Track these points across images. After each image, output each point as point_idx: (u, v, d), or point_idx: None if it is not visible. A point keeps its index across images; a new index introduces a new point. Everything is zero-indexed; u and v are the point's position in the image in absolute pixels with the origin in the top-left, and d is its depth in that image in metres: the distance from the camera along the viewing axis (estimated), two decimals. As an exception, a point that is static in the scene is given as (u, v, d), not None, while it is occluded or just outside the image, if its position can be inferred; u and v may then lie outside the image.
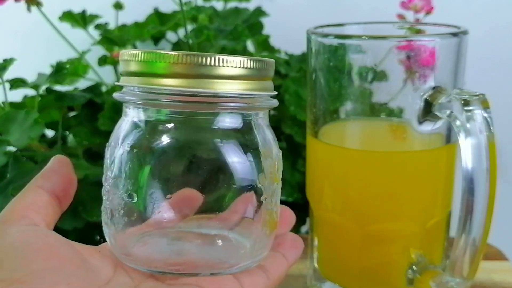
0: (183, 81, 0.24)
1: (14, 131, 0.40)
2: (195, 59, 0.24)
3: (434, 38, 0.34)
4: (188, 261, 0.27)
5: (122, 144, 0.26)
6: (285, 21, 0.58)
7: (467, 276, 0.32)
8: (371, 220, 0.36)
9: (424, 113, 0.34)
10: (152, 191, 0.26)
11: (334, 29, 0.37)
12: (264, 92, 0.26)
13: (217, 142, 0.26)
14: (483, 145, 0.30)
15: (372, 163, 0.35)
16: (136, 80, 0.25)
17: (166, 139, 0.25)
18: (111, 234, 0.27)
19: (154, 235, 0.27)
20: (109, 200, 0.27)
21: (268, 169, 0.27)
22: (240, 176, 0.26)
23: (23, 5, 0.46)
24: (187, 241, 0.27)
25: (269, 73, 0.27)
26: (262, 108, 0.27)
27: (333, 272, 0.39)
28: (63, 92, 0.50)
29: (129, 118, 0.27)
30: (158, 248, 0.27)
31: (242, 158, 0.26)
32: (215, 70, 0.24)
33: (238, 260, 0.27)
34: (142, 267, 0.27)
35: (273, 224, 0.28)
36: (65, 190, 0.29)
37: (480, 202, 0.31)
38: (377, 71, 0.34)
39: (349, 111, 0.36)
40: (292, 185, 0.49)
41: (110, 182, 0.27)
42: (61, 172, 0.29)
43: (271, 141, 0.28)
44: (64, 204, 0.29)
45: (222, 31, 0.51)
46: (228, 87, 0.25)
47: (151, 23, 0.57)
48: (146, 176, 0.26)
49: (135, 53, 0.25)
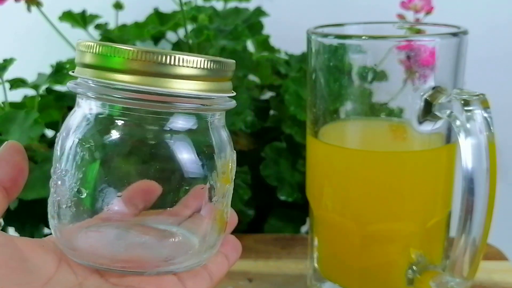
0: (139, 78, 0.23)
1: (14, 131, 0.40)
2: (152, 56, 0.23)
3: (434, 38, 0.34)
4: (134, 258, 0.26)
5: (72, 135, 0.25)
6: (285, 21, 0.58)
7: (467, 276, 0.32)
8: (371, 220, 0.36)
9: (424, 113, 0.34)
10: (101, 187, 0.25)
11: (334, 29, 0.37)
12: (222, 93, 0.26)
13: (168, 140, 0.25)
14: (483, 145, 0.30)
15: (372, 163, 0.35)
16: (91, 72, 0.24)
17: (116, 135, 0.25)
18: (57, 227, 0.26)
19: (101, 228, 0.26)
20: (56, 192, 0.26)
21: (220, 169, 0.27)
22: (191, 173, 0.25)
23: (23, 5, 0.46)
24: (135, 236, 0.27)
25: (228, 74, 0.26)
26: (219, 109, 0.27)
27: (333, 272, 0.39)
28: (63, 92, 0.50)
29: (81, 110, 0.26)
30: (104, 244, 0.27)
31: (194, 156, 0.25)
32: (172, 69, 0.23)
33: (185, 258, 0.27)
34: (87, 262, 0.26)
35: (223, 224, 0.28)
36: (13, 180, 0.27)
37: (480, 202, 0.31)
38: (377, 71, 0.34)
39: (349, 111, 0.36)
40: (292, 185, 0.49)
41: (58, 174, 0.26)
42: (11, 160, 0.28)
43: (226, 142, 0.28)
44: (12, 195, 0.28)
45: (222, 31, 0.51)
46: (184, 87, 0.24)
47: (151, 23, 0.57)
48: (95, 171, 0.25)
49: (91, 44, 0.24)
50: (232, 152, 0.28)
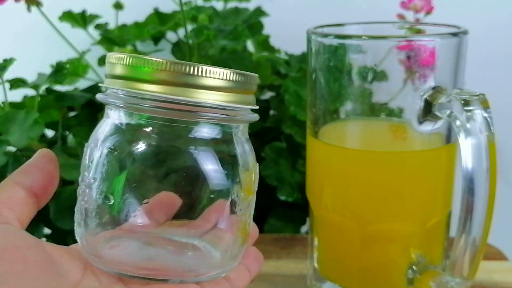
0: (167, 88, 0.24)
1: (14, 131, 0.40)
2: (180, 67, 0.24)
3: (434, 38, 0.34)
4: (158, 266, 0.27)
5: (101, 145, 0.26)
6: (285, 21, 0.58)
7: (467, 276, 0.32)
8: (371, 220, 0.36)
9: (424, 113, 0.34)
10: (128, 195, 0.26)
11: (334, 29, 0.37)
12: (246, 105, 0.26)
13: (193, 150, 0.26)
14: (483, 145, 0.30)
15: (372, 163, 0.35)
16: (120, 83, 0.25)
17: (144, 144, 0.25)
18: (83, 235, 0.27)
19: (126, 238, 0.27)
20: (84, 200, 0.27)
21: (244, 181, 0.27)
22: (215, 184, 0.26)
23: (23, 5, 0.46)
24: (159, 247, 0.27)
25: (252, 87, 0.27)
26: (243, 121, 0.27)
27: (333, 272, 0.39)
28: (63, 92, 0.50)
29: (110, 120, 0.26)
30: (129, 252, 0.27)
31: (218, 167, 0.26)
32: (199, 80, 0.24)
33: (208, 269, 0.27)
34: (111, 270, 0.26)
35: (245, 236, 0.28)
36: (44, 187, 0.28)
37: (480, 202, 0.31)
38: (377, 71, 0.34)
39: (349, 111, 0.36)
40: (292, 185, 0.49)
41: (86, 182, 0.26)
42: (44, 168, 0.28)
43: (249, 154, 0.28)
44: (42, 202, 0.28)
45: (222, 31, 0.51)
46: (210, 98, 0.25)
47: (151, 23, 0.57)
48: (123, 179, 0.26)
49: (121, 56, 0.25)
50: (255, 163, 0.28)
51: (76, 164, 0.43)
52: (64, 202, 0.43)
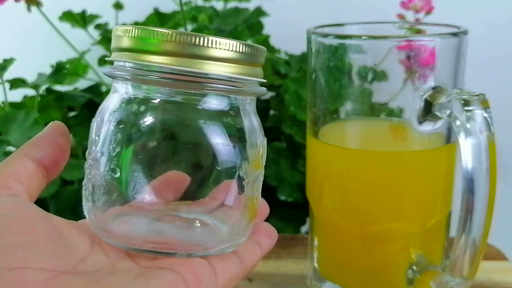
0: (174, 59, 0.24)
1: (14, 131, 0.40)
2: (187, 38, 0.24)
3: (434, 38, 0.34)
4: (166, 240, 0.26)
5: (109, 119, 0.26)
6: (285, 21, 0.58)
7: (467, 276, 0.32)
8: (371, 220, 0.36)
9: (424, 113, 0.34)
10: (135, 168, 0.25)
11: (334, 29, 0.37)
12: (254, 77, 0.26)
13: (202, 123, 0.25)
14: (483, 145, 0.30)
15: (372, 163, 0.35)
16: (127, 55, 0.25)
17: (152, 117, 0.25)
18: (91, 210, 0.27)
19: (134, 215, 0.27)
20: (91, 174, 0.26)
21: (252, 157, 0.27)
22: (224, 159, 0.26)
23: (23, 5, 0.46)
24: (166, 222, 0.27)
25: (260, 59, 0.27)
26: (250, 93, 0.27)
27: (333, 272, 0.39)
28: (63, 92, 0.50)
29: (117, 94, 0.26)
30: (137, 227, 0.27)
31: (227, 140, 0.26)
32: (206, 51, 0.24)
33: (215, 243, 0.27)
34: (119, 244, 0.26)
35: (253, 211, 0.28)
36: (54, 160, 0.28)
37: (480, 202, 0.31)
38: (377, 71, 0.34)
39: (349, 111, 0.36)
40: (292, 185, 0.49)
41: (93, 156, 0.26)
42: (54, 141, 0.28)
43: (257, 128, 0.28)
44: (52, 175, 0.28)
45: (222, 31, 0.51)
46: (217, 69, 0.24)
47: (151, 23, 0.57)
48: (130, 152, 0.25)
49: (128, 29, 0.25)
50: (263, 138, 0.28)
51: (76, 164, 0.43)
52: (64, 202, 0.43)
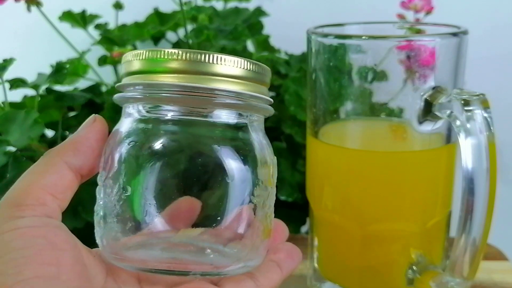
0: (183, 76, 0.25)
1: (14, 131, 0.40)
2: (194, 56, 0.25)
3: (434, 38, 0.34)
4: (179, 261, 0.26)
5: (120, 143, 0.26)
6: (285, 21, 0.58)
7: (467, 276, 0.32)
8: (371, 220, 0.36)
9: (424, 113, 0.34)
10: (148, 192, 0.25)
11: (334, 29, 0.37)
12: (260, 94, 0.27)
13: (216, 149, 0.26)
14: (483, 145, 0.30)
15: (372, 163, 0.35)
16: (138, 78, 0.26)
17: (164, 138, 0.26)
18: (103, 236, 0.27)
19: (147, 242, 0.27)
20: (103, 199, 0.26)
21: (263, 177, 0.27)
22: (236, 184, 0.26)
23: (23, 5, 0.46)
24: (180, 248, 0.27)
25: (266, 79, 0.27)
26: (258, 109, 0.27)
27: (333, 272, 0.39)
28: (63, 92, 0.50)
29: (128, 118, 0.27)
30: (150, 251, 0.27)
31: (240, 164, 0.26)
32: (213, 68, 0.25)
33: (228, 262, 0.27)
34: (132, 266, 0.26)
35: (267, 230, 0.28)
36: (92, 170, 0.27)
37: (480, 202, 0.31)
38: (377, 71, 0.34)
39: (349, 111, 0.36)
40: (292, 185, 0.49)
41: (105, 181, 0.26)
42: (97, 148, 0.27)
43: (266, 147, 0.28)
44: (84, 180, 0.27)
45: (222, 31, 0.51)
46: (225, 85, 0.25)
47: (151, 23, 0.57)
48: (144, 176, 0.26)
49: (138, 52, 0.26)
50: (273, 157, 0.29)
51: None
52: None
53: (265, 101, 0.27)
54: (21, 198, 0.25)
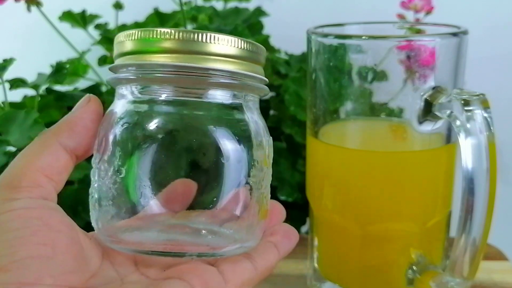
0: (176, 56, 0.24)
1: (14, 131, 0.40)
2: (188, 35, 0.24)
3: (434, 38, 0.34)
4: (175, 242, 0.26)
5: (114, 124, 0.26)
6: (285, 21, 0.58)
7: (467, 276, 0.32)
8: (371, 220, 0.36)
9: (424, 113, 0.34)
10: (143, 173, 0.25)
11: (334, 29, 0.37)
12: (256, 74, 0.26)
13: (211, 129, 0.25)
14: (483, 145, 0.30)
15: (372, 163, 0.35)
16: (130, 58, 0.25)
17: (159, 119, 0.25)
18: (99, 218, 0.26)
19: (143, 225, 0.26)
20: (97, 181, 0.26)
21: (259, 158, 0.27)
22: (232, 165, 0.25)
23: (23, 5, 0.46)
24: (176, 230, 0.27)
25: (261, 58, 0.27)
26: (253, 88, 0.27)
27: (333, 272, 0.39)
28: (63, 92, 0.50)
29: (122, 100, 0.26)
30: (146, 234, 0.27)
31: (235, 145, 0.26)
32: (207, 47, 0.24)
33: (225, 243, 0.27)
34: (128, 248, 0.26)
35: (264, 210, 0.28)
36: (87, 151, 0.26)
37: (480, 202, 0.31)
38: (377, 71, 0.34)
39: (349, 111, 0.36)
40: (292, 185, 0.49)
41: (99, 163, 0.26)
42: (92, 128, 0.26)
43: (262, 127, 0.28)
44: (79, 161, 0.27)
45: (222, 31, 0.50)
46: (220, 65, 0.25)
47: (151, 23, 0.57)
48: (138, 157, 0.25)
49: (130, 32, 0.25)
50: (269, 137, 0.28)
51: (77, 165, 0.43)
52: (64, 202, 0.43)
53: (261, 80, 0.27)
54: (17, 180, 0.24)
